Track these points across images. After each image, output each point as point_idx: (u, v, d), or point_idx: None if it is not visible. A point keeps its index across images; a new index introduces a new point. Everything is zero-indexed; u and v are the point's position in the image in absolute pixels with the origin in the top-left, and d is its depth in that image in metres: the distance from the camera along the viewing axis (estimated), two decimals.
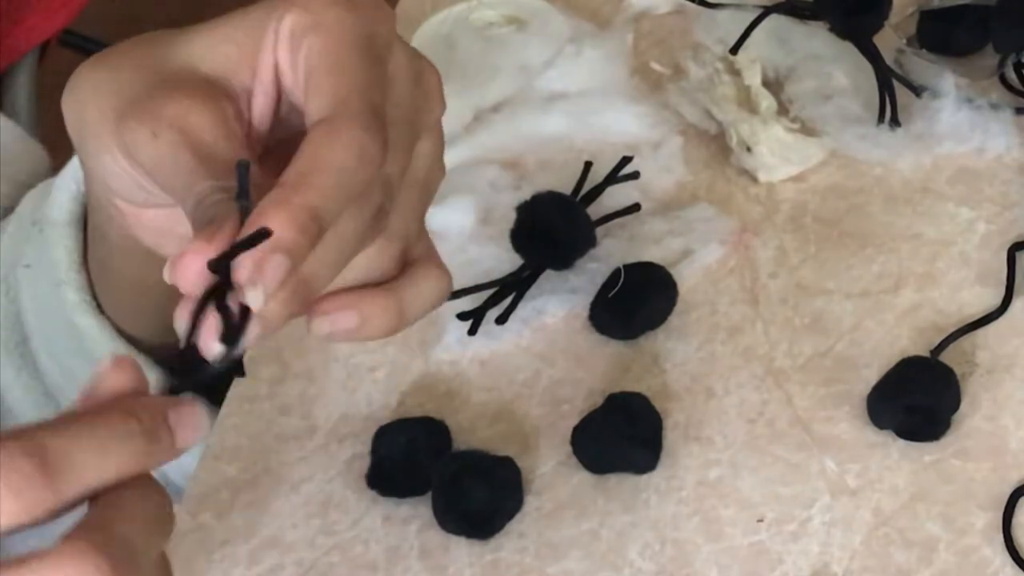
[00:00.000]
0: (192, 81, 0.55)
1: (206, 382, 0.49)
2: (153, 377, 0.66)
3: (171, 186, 0.54)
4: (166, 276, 0.49)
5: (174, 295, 0.50)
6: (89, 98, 0.58)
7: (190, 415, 0.47)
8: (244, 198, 0.49)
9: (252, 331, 0.49)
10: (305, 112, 0.54)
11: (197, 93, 0.55)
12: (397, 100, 0.55)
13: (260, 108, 0.57)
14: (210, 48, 0.56)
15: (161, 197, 0.56)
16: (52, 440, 0.44)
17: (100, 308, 0.67)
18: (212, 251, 0.48)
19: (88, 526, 0.44)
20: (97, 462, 0.45)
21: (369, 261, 0.55)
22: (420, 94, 0.57)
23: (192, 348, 0.48)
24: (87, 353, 0.66)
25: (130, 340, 0.68)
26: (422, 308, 0.58)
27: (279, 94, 0.57)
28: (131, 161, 0.55)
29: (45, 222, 0.66)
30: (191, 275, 0.48)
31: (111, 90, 0.57)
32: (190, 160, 0.53)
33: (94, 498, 0.45)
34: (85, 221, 0.67)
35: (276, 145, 0.57)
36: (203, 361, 0.48)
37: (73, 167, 0.68)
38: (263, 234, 0.48)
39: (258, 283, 0.48)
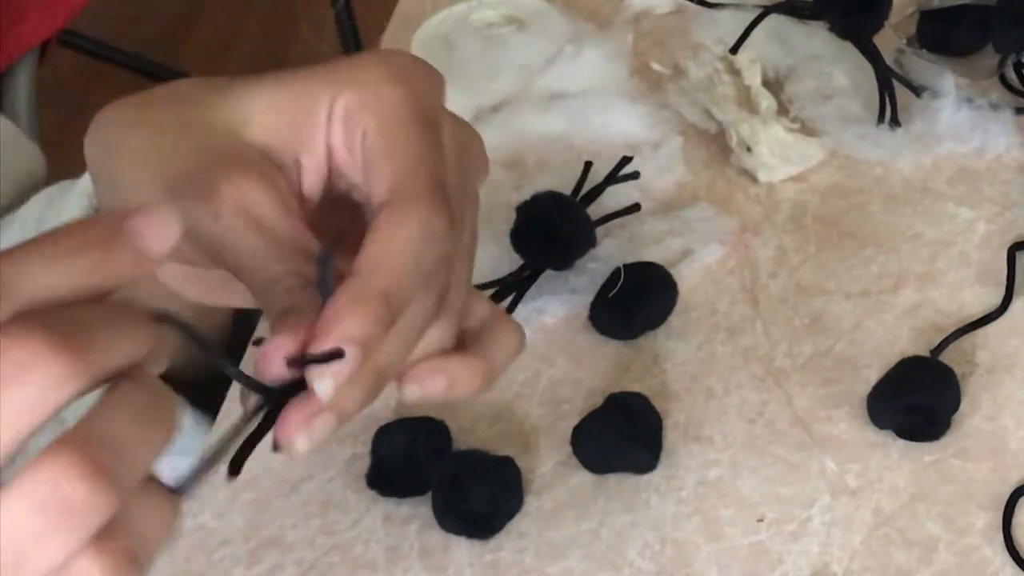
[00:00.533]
0: (244, 155, 0.55)
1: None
2: None
3: (236, 267, 0.54)
4: (257, 364, 0.50)
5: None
6: (127, 158, 0.57)
7: (154, 220, 0.45)
8: (325, 288, 0.50)
9: (327, 423, 0.51)
10: (370, 196, 0.54)
11: (253, 169, 0.55)
12: (449, 167, 0.56)
13: (310, 183, 0.57)
14: (258, 116, 0.56)
15: (200, 262, 0.56)
16: None
17: None
18: (293, 345, 0.50)
19: (69, 431, 0.43)
20: (46, 277, 0.43)
21: (429, 337, 0.56)
22: (467, 162, 0.58)
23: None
24: None
25: None
26: (505, 362, 0.59)
27: (330, 171, 0.57)
28: (190, 239, 0.55)
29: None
30: (274, 368, 0.50)
31: (155, 158, 0.56)
32: (256, 242, 0.53)
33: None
34: None
35: (325, 217, 0.58)
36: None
37: (84, 184, 0.68)
38: (338, 353, 0.49)
39: (327, 376, 0.49)
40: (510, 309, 0.84)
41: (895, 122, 0.90)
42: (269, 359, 0.50)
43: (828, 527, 0.74)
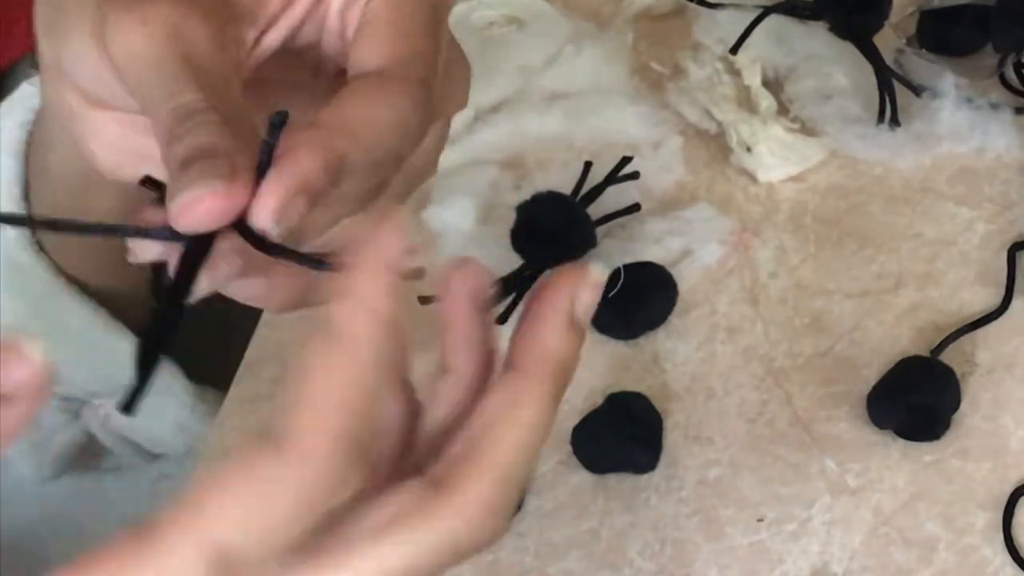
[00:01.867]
0: None
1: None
2: (96, 320, 0.64)
3: (146, 91, 0.49)
4: (175, 213, 0.45)
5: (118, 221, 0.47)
6: None
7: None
8: (267, 153, 0.46)
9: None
10: (352, 56, 0.51)
11: (202, 2, 0.50)
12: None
13: (269, 44, 0.53)
14: None
15: (126, 100, 0.50)
16: None
17: (40, 246, 0.64)
18: (232, 198, 0.45)
19: None
20: None
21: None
22: (447, 81, 0.54)
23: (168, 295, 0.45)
24: (22, 291, 0.63)
25: (70, 280, 0.65)
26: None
27: (295, 37, 0.53)
28: (105, 51, 0.50)
29: None
30: (211, 215, 0.45)
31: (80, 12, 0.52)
32: (176, 67, 0.48)
33: None
34: (28, 156, 0.63)
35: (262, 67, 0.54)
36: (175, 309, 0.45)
37: (22, 93, 0.64)
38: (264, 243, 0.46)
39: (280, 223, 0.46)
40: (510, 309, 0.84)
41: (895, 122, 0.90)
42: (193, 211, 0.45)
43: (828, 527, 0.73)
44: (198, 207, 0.45)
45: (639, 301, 0.83)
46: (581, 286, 0.47)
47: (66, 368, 0.62)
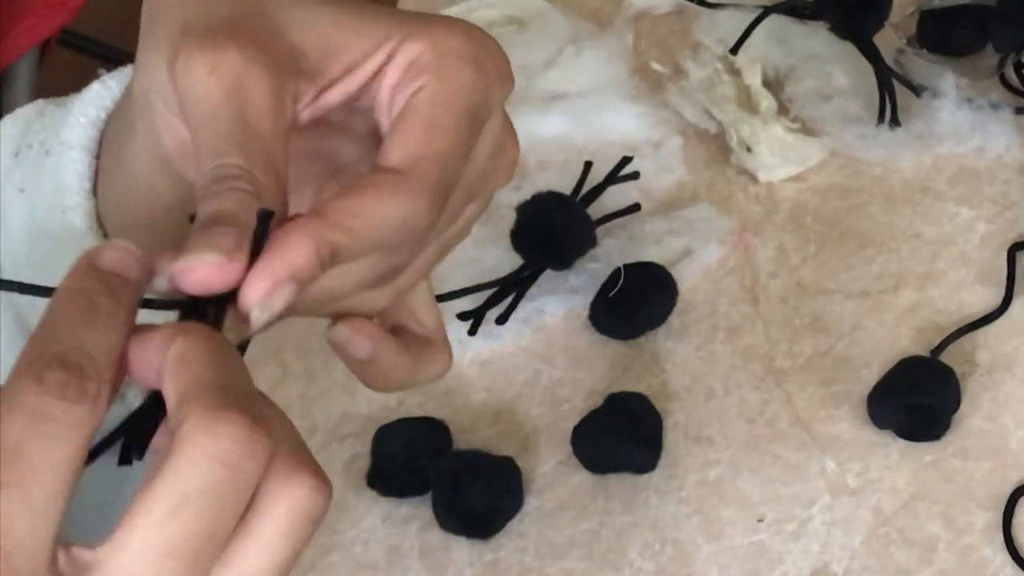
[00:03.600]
0: (277, 41, 0.52)
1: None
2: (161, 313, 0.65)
3: (199, 137, 0.51)
4: (173, 274, 0.47)
5: (183, 215, 0.49)
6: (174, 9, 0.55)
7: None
8: (256, 243, 0.48)
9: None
10: (382, 145, 0.52)
11: (273, 54, 0.52)
12: (471, 165, 0.54)
13: (327, 102, 0.54)
14: (315, 19, 0.53)
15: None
16: None
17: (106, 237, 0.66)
18: (224, 274, 0.47)
19: None
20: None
21: (362, 300, 0.54)
22: (493, 167, 0.56)
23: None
24: None
25: None
26: (422, 378, 0.57)
27: (354, 101, 0.55)
28: (172, 82, 0.52)
29: (55, 144, 0.64)
30: (200, 285, 0.47)
31: (170, 23, 0.54)
32: (230, 125, 0.50)
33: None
34: (100, 153, 0.65)
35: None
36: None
37: (93, 92, 0.66)
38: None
39: (266, 309, 0.47)
40: (510, 309, 0.84)
41: (895, 122, 0.90)
42: (189, 275, 0.47)
43: (828, 527, 0.73)
44: (194, 274, 0.47)
45: (639, 301, 0.83)
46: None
47: None
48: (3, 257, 0.66)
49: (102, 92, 0.64)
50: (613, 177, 0.88)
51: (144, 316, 0.47)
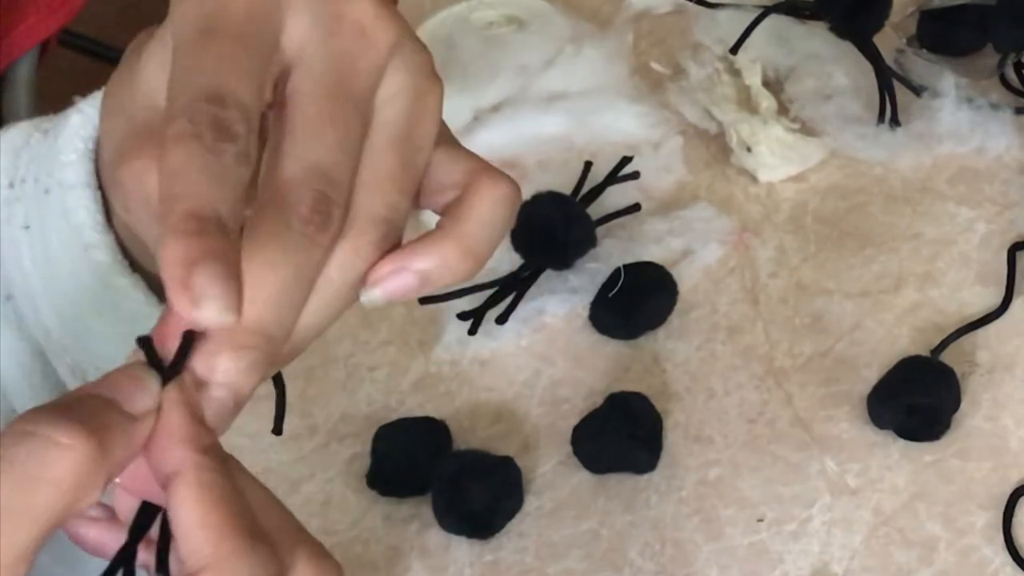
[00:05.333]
0: (149, 126, 0.53)
1: None
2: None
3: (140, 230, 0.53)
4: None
5: None
6: (104, 150, 0.57)
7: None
8: (178, 362, 0.48)
9: (224, 402, 0.49)
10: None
11: (149, 144, 0.52)
12: (311, 74, 0.51)
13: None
14: (156, 75, 0.53)
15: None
16: None
17: (133, 267, 0.66)
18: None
19: None
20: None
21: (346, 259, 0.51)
22: (342, 46, 0.51)
23: None
24: (119, 311, 0.65)
25: (162, 300, 0.67)
26: (488, 228, 0.52)
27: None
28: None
29: (54, 185, 0.65)
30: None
31: (109, 148, 0.56)
32: (153, 232, 0.51)
33: None
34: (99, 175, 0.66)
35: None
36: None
37: (75, 125, 0.66)
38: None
39: (202, 301, 0.45)
40: (510, 309, 0.84)
41: (895, 122, 0.90)
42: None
43: (828, 527, 0.73)
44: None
45: (639, 301, 0.83)
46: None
47: None
48: (16, 291, 0.67)
49: (83, 122, 0.65)
50: (613, 177, 0.88)
51: None
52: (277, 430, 0.51)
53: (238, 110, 0.48)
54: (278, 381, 0.53)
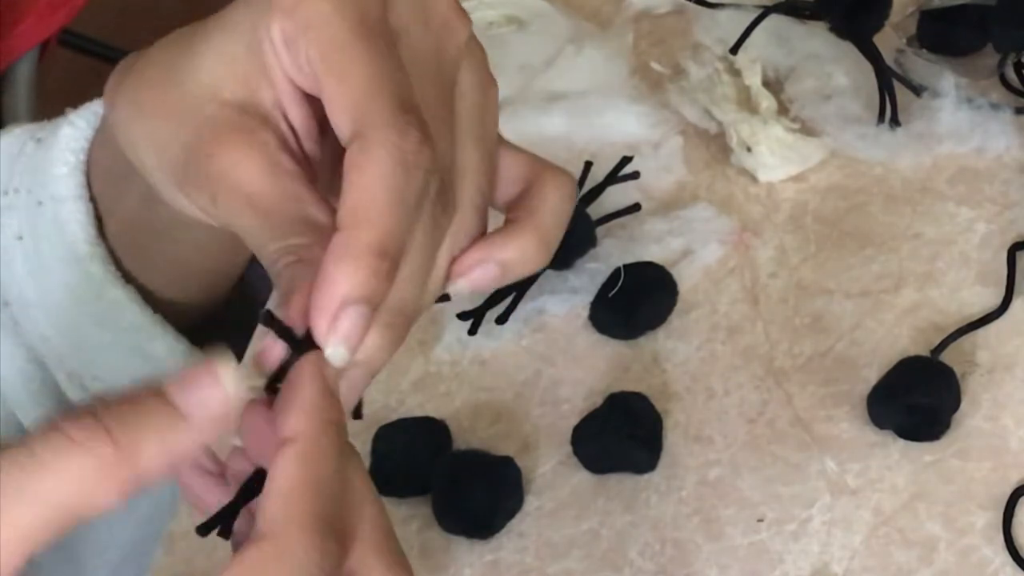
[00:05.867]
0: (225, 122, 0.53)
1: None
2: (180, 347, 0.66)
3: (246, 242, 0.53)
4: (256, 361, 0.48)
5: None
6: (143, 153, 0.56)
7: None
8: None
9: (358, 379, 0.50)
10: (336, 130, 0.51)
11: (234, 136, 0.52)
12: (413, 58, 0.51)
13: (299, 119, 0.53)
14: (221, 70, 0.53)
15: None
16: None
17: (128, 278, 0.66)
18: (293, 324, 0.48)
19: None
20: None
21: (454, 242, 0.53)
22: (433, 35, 0.53)
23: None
24: (114, 321, 0.66)
25: (158, 302, 0.67)
26: (557, 220, 0.54)
27: (308, 99, 0.53)
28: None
29: (46, 197, 0.65)
30: (274, 360, 0.48)
31: (156, 149, 0.55)
32: (251, 221, 0.51)
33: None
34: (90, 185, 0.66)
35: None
36: None
37: (66, 137, 0.66)
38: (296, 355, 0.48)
39: (339, 343, 0.47)
40: (510, 309, 0.84)
41: (895, 122, 0.90)
42: (268, 353, 0.48)
43: (828, 527, 0.73)
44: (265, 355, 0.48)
45: (639, 301, 0.83)
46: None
47: None
48: (12, 298, 0.68)
49: (74, 135, 0.65)
50: (613, 177, 0.88)
51: None
52: (358, 415, 0.52)
53: (422, 119, 0.49)
54: None
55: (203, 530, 0.49)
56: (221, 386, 0.45)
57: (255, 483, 0.48)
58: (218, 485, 0.51)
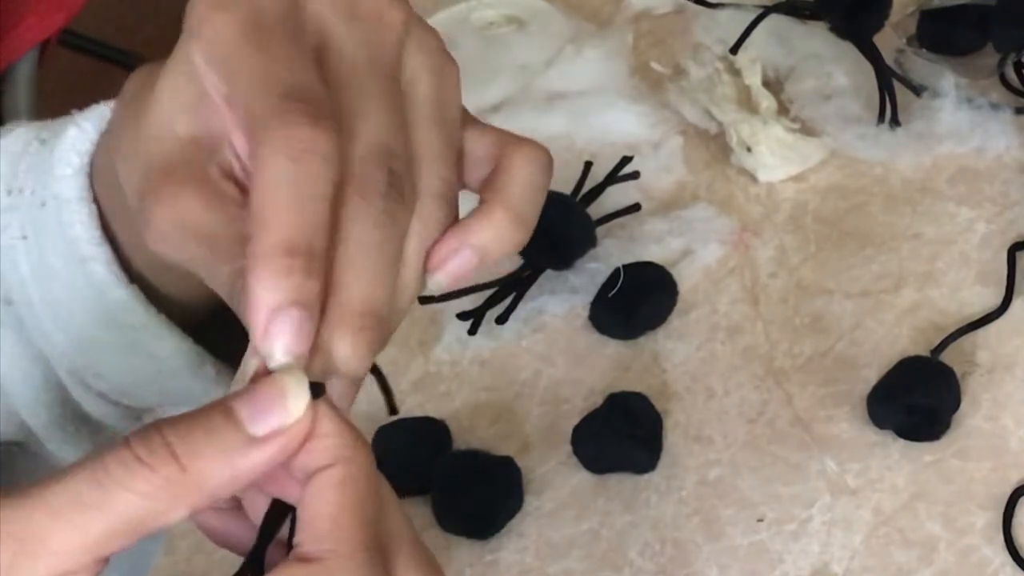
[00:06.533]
0: (174, 158, 0.53)
1: None
2: (185, 347, 0.66)
3: (201, 276, 0.52)
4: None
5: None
6: (121, 178, 0.56)
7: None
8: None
9: (342, 389, 0.49)
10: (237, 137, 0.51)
11: (178, 173, 0.52)
12: (340, 51, 0.51)
13: (239, 140, 0.52)
14: (172, 105, 0.53)
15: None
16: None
17: (131, 278, 0.66)
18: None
19: None
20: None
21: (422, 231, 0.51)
22: (362, 26, 0.52)
23: None
24: (118, 321, 0.66)
25: (163, 300, 0.67)
26: (530, 193, 0.53)
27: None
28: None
29: (49, 198, 0.65)
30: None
31: (127, 177, 0.55)
32: (198, 251, 0.51)
33: None
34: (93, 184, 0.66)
35: None
36: None
37: (71, 138, 0.66)
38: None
39: (279, 352, 0.46)
40: (510, 309, 0.84)
41: (895, 122, 0.90)
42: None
43: (828, 527, 0.73)
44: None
45: (639, 301, 0.83)
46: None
47: (147, 387, 0.66)
48: (15, 296, 0.68)
49: (79, 136, 0.65)
50: (613, 177, 0.88)
51: None
52: (392, 410, 0.52)
53: (317, 104, 0.48)
54: (373, 367, 0.54)
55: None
56: (290, 409, 0.45)
57: (275, 514, 0.48)
58: (236, 518, 0.51)
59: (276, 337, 0.46)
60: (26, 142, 0.68)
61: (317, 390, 0.47)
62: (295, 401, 0.46)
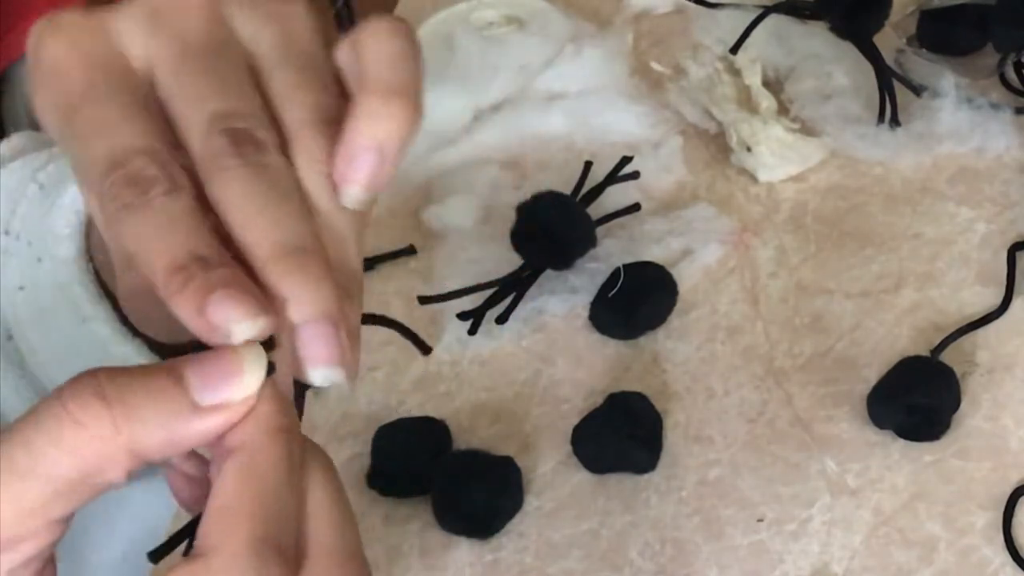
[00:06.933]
0: None
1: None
2: None
3: (133, 260, 0.51)
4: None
5: None
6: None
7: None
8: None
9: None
10: None
11: None
12: (166, 55, 0.49)
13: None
14: None
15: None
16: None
17: (130, 328, 0.66)
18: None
19: None
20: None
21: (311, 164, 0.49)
22: (177, 23, 0.50)
23: None
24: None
25: (162, 346, 0.67)
26: (388, 62, 0.49)
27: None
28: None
29: (46, 255, 0.65)
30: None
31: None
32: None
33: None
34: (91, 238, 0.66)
35: None
36: None
37: (70, 198, 0.66)
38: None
39: (232, 329, 0.44)
40: (510, 309, 0.84)
41: (895, 122, 0.90)
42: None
43: (828, 527, 0.73)
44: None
45: (639, 301, 0.83)
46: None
47: None
48: (16, 335, 0.68)
49: (79, 196, 0.64)
50: (613, 177, 0.88)
51: None
52: (426, 350, 0.49)
53: (145, 156, 0.47)
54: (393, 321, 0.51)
55: (154, 557, 0.47)
56: (244, 383, 0.44)
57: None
58: (204, 485, 0.48)
59: (218, 318, 0.44)
60: (23, 181, 0.68)
61: (269, 368, 0.45)
62: (251, 377, 0.44)
